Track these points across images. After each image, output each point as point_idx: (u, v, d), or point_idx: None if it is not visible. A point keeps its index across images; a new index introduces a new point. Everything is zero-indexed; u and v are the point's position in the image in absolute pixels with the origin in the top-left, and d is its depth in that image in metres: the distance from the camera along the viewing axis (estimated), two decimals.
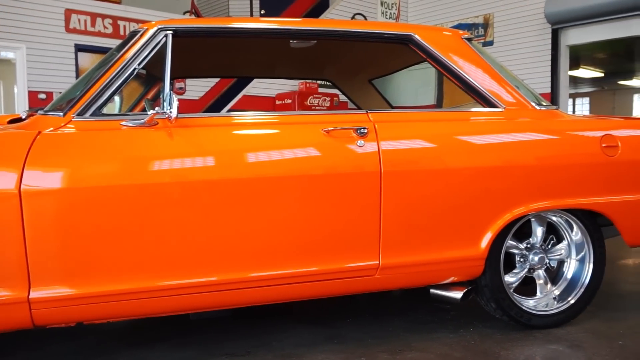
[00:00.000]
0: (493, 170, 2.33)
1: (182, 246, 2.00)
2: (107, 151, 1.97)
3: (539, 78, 8.16)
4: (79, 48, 6.94)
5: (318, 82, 8.34)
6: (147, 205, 1.95)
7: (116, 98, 2.94)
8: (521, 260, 2.56)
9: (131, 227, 1.94)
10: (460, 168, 2.30)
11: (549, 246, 2.62)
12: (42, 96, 6.62)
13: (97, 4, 7.10)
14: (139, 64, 2.10)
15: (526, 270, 2.56)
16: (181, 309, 2.09)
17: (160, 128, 2.03)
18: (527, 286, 2.60)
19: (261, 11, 10.22)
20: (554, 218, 2.59)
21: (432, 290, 2.49)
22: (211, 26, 2.34)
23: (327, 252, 2.16)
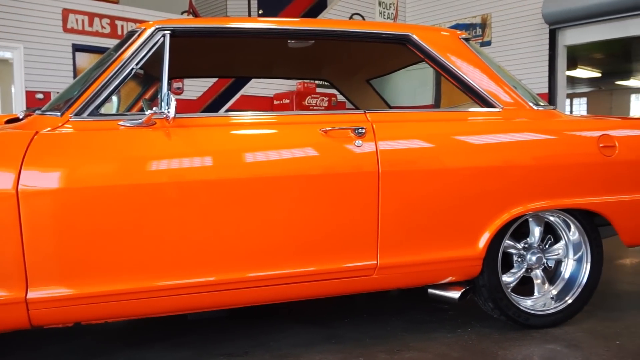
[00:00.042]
0: (491, 170, 2.34)
1: (180, 246, 2.00)
2: (105, 151, 1.97)
3: (537, 78, 8.17)
4: (77, 48, 6.92)
5: (316, 82, 8.34)
6: (145, 205, 1.95)
7: (114, 98, 2.93)
8: (519, 260, 2.56)
9: (129, 227, 1.94)
10: (458, 168, 2.30)
11: (547, 246, 2.63)
12: (40, 96, 6.61)
13: (95, 4, 7.09)
14: (137, 64, 2.10)
15: (524, 270, 2.56)
16: (179, 309, 2.09)
17: (158, 128, 2.03)
18: (525, 286, 2.61)
19: (259, 11, 10.21)
20: (552, 218, 2.60)
21: (430, 290, 2.49)
22: (209, 26, 2.34)
23: (325, 252, 2.17)
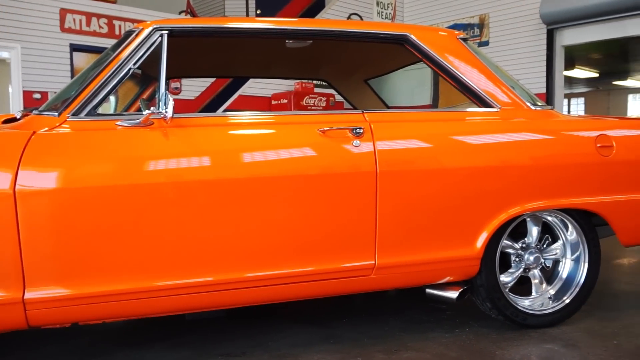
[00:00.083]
0: (488, 170, 2.34)
1: (178, 246, 1.99)
2: (103, 151, 1.96)
3: (534, 78, 8.17)
4: (74, 48, 6.91)
5: (314, 82, 8.33)
6: (143, 205, 1.94)
7: (111, 98, 2.92)
8: (517, 259, 2.56)
9: (126, 228, 1.94)
10: (455, 168, 2.30)
11: (544, 246, 2.63)
12: (37, 96, 6.59)
13: (93, 4, 7.07)
14: (135, 64, 2.10)
15: (521, 269, 2.57)
16: (177, 309, 2.08)
17: (155, 128, 2.03)
18: (523, 286, 2.61)
19: (257, 11, 10.20)
20: (549, 218, 2.60)
21: (428, 290, 2.49)
22: (207, 26, 2.33)
23: (323, 252, 2.16)
